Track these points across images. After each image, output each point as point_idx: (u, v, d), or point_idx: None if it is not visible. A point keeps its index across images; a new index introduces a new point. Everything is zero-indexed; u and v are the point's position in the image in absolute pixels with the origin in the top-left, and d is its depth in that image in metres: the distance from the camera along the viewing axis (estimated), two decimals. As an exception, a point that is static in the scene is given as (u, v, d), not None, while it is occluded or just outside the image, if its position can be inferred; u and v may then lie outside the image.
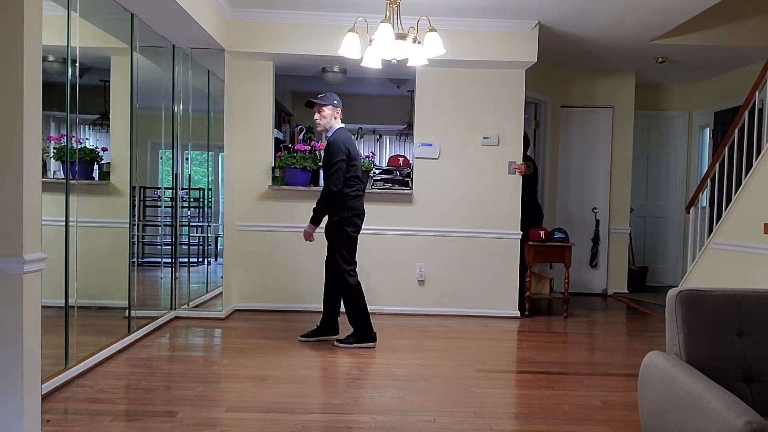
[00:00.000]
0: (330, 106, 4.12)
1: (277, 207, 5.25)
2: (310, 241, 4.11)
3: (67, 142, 3.34)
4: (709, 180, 5.06)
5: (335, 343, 4.13)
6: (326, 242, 4.17)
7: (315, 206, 4.05)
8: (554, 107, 6.52)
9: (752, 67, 5.87)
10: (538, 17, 4.83)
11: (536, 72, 5.51)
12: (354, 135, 8.52)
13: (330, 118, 4.13)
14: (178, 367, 3.60)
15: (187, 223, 5.20)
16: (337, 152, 4.01)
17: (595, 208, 6.61)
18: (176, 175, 4.93)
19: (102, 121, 3.97)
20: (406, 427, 2.76)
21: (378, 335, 4.14)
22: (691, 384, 1.82)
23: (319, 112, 4.12)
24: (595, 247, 6.60)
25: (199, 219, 5.42)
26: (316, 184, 5.37)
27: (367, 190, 5.22)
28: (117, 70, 4.07)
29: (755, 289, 2.16)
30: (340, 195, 4.00)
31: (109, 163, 3.96)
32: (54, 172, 3.43)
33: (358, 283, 4.10)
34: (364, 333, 4.11)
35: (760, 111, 4.58)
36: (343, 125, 4.20)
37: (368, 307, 3.99)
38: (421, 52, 3.66)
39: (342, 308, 4.18)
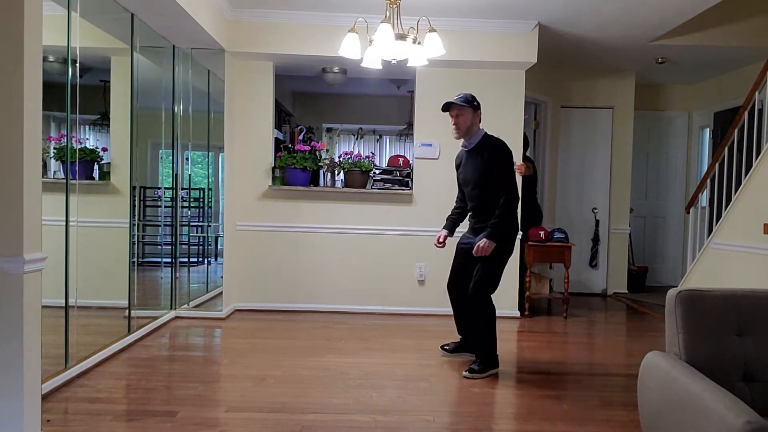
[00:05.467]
0: (470, 109, 3.64)
1: (277, 207, 5.25)
2: (487, 254, 3.53)
3: (67, 142, 3.34)
4: (708, 180, 5.06)
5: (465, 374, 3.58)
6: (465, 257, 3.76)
7: (498, 221, 3.53)
8: (554, 108, 6.52)
9: (752, 68, 5.88)
10: (538, 18, 4.83)
11: (536, 72, 5.52)
12: (353, 135, 8.56)
13: (470, 122, 3.67)
14: (179, 367, 3.60)
15: (187, 223, 5.21)
16: (511, 155, 3.58)
17: (595, 208, 6.61)
18: (176, 175, 4.93)
19: (102, 121, 3.97)
20: (406, 427, 2.76)
21: (379, 335, 4.13)
22: (690, 384, 1.83)
23: (456, 116, 3.65)
24: (595, 247, 6.60)
25: (199, 219, 5.42)
26: (316, 184, 5.38)
27: (367, 190, 5.23)
28: (117, 70, 4.07)
29: (755, 289, 2.16)
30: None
31: (109, 163, 3.96)
32: (54, 172, 3.44)
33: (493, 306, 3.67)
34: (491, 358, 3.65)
35: (760, 111, 4.58)
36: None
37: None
38: (421, 52, 3.67)
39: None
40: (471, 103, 3.63)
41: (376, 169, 5.32)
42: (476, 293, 3.59)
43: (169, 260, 4.92)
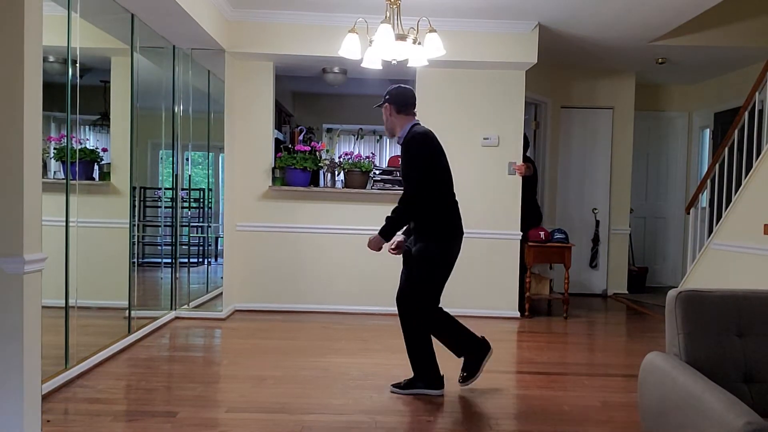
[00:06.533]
0: (386, 105, 3.32)
1: (278, 207, 5.25)
2: (377, 250, 3.19)
3: (67, 143, 3.34)
4: (709, 181, 5.06)
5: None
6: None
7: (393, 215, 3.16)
8: (554, 108, 6.52)
9: (752, 68, 5.87)
10: (538, 18, 4.83)
11: (536, 73, 5.51)
12: (354, 136, 8.56)
13: (385, 118, 3.33)
14: (179, 367, 3.60)
15: (187, 224, 5.21)
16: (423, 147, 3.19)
17: (595, 209, 6.61)
18: (176, 175, 4.93)
19: (102, 122, 3.97)
20: (405, 427, 2.76)
21: (378, 336, 4.11)
22: (691, 384, 1.82)
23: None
24: (595, 247, 6.60)
25: (199, 219, 5.43)
26: (316, 184, 5.38)
27: (367, 191, 5.23)
28: (117, 71, 4.07)
29: (755, 289, 2.16)
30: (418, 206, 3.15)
31: (109, 163, 3.97)
32: (54, 172, 3.44)
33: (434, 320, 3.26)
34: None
35: (760, 112, 4.58)
36: (418, 121, 3.36)
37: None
38: (421, 52, 3.67)
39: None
40: (383, 99, 3.32)
41: (376, 169, 5.32)
42: (399, 303, 3.20)
43: (169, 261, 4.92)
